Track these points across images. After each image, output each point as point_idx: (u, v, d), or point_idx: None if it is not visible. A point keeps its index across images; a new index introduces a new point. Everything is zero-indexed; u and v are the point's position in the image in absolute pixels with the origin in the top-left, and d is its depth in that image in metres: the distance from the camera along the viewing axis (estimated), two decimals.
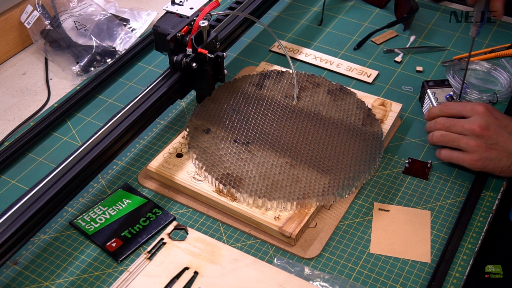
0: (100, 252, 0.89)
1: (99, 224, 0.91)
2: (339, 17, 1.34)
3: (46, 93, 1.19)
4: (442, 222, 0.91)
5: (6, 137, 1.09)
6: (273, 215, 0.88)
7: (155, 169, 0.96)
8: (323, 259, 0.87)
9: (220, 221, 0.92)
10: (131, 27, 1.33)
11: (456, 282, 0.83)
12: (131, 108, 0.93)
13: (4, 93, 1.19)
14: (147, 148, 1.04)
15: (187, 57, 0.95)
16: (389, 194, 0.96)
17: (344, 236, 0.90)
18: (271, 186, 0.90)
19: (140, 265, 0.85)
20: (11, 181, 1.00)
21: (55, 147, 1.05)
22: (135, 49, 1.23)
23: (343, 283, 0.84)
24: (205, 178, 0.94)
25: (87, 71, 1.21)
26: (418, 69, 1.20)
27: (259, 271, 0.84)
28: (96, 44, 1.24)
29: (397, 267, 0.86)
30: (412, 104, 1.12)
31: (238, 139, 0.98)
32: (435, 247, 0.88)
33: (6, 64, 1.26)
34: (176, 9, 1.00)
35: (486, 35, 1.27)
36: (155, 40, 0.99)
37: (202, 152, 0.96)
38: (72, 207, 0.94)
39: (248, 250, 0.88)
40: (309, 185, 0.91)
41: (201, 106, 1.04)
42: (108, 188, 0.98)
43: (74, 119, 1.11)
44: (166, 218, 0.92)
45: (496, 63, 1.18)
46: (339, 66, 1.20)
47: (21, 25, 1.26)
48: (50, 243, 0.90)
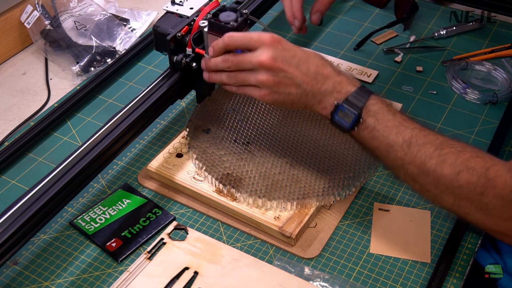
0: (100, 252, 0.89)
1: (99, 224, 0.91)
2: (339, 17, 1.34)
3: (46, 93, 1.19)
4: (442, 222, 0.91)
5: (6, 137, 1.09)
6: (273, 215, 0.88)
7: (155, 169, 0.96)
8: (323, 259, 0.87)
9: (220, 221, 0.92)
10: (131, 27, 1.33)
11: (456, 282, 0.83)
12: (131, 108, 0.93)
13: (4, 93, 1.19)
14: (147, 148, 1.04)
15: (187, 57, 0.95)
16: (389, 194, 0.96)
17: (344, 236, 0.90)
18: (271, 186, 0.90)
19: (140, 265, 0.85)
20: (11, 181, 1.00)
21: (55, 147, 1.05)
22: (135, 49, 1.23)
23: (343, 283, 0.83)
24: (205, 178, 0.94)
25: (87, 71, 1.21)
26: (418, 69, 1.20)
27: (259, 271, 0.84)
28: (96, 44, 1.24)
29: (397, 267, 0.86)
30: (412, 104, 1.12)
31: (238, 139, 0.98)
32: (435, 247, 0.88)
33: (6, 64, 1.26)
34: (176, 9, 0.99)
35: (486, 35, 1.27)
36: (155, 40, 0.99)
37: (202, 152, 0.96)
38: (72, 207, 0.94)
39: (248, 250, 0.88)
40: (309, 185, 0.91)
41: (201, 106, 1.04)
42: (108, 188, 0.98)
43: (74, 119, 1.11)
44: (166, 218, 0.92)
45: (496, 63, 1.18)
46: (339, 66, 1.20)
47: (21, 25, 1.26)
48: (50, 243, 0.90)
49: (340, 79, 0.84)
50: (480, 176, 0.73)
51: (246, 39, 0.86)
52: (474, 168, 0.74)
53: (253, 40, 0.85)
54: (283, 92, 0.85)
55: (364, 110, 0.81)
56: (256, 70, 0.85)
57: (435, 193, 0.78)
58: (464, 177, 0.74)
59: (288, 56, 0.84)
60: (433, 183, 0.77)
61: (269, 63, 0.84)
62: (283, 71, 0.84)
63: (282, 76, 0.84)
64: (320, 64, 0.85)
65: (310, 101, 0.85)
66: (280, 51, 0.84)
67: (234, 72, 0.87)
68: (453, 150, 0.76)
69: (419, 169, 0.77)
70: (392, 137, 0.80)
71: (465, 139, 1.05)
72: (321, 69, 0.84)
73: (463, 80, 1.14)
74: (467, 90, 1.13)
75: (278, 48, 0.84)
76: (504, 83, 1.15)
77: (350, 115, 0.81)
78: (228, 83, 0.89)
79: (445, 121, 1.08)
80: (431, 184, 0.77)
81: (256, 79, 0.85)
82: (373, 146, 0.82)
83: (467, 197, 0.74)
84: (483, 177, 0.73)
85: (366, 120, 0.81)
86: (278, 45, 0.85)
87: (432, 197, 0.79)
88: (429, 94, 1.14)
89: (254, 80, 0.86)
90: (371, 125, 0.81)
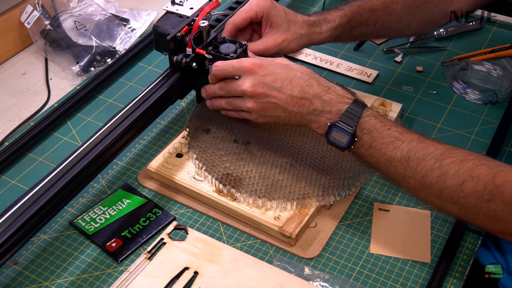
0: (100, 252, 0.89)
1: (99, 224, 0.91)
2: None
3: (46, 93, 1.19)
4: (442, 222, 0.91)
5: (6, 137, 1.09)
6: (273, 215, 0.88)
7: (155, 169, 0.96)
8: (323, 259, 0.87)
9: (220, 221, 0.92)
10: (131, 27, 1.33)
11: (456, 282, 0.83)
12: (131, 108, 0.93)
13: (4, 93, 1.19)
14: (147, 148, 1.04)
15: (187, 57, 0.95)
16: (389, 194, 0.96)
17: (344, 236, 0.90)
18: (271, 186, 0.90)
19: (140, 265, 0.85)
20: (11, 181, 1.00)
21: (55, 147, 1.05)
22: (135, 49, 1.23)
23: (343, 283, 0.83)
24: (205, 178, 0.94)
25: (87, 71, 1.21)
26: (418, 69, 1.20)
27: (259, 271, 0.84)
28: (96, 44, 1.24)
29: (397, 267, 0.86)
30: (412, 104, 1.12)
31: (238, 139, 0.98)
32: (435, 247, 0.88)
33: (6, 64, 1.26)
34: (176, 9, 0.99)
35: (486, 35, 1.27)
36: (155, 40, 0.99)
37: (202, 152, 0.96)
38: (72, 207, 0.94)
39: (248, 250, 0.88)
40: (309, 185, 0.91)
41: (201, 106, 1.04)
42: (108, 188, 0.98)
43: (74, 119, 1.11)
44: (166, 218, 0.92)
45: (496, 63, 1.18)
46: (339, 66, 1.20)
47: (21, 25, 1.26)
48: (50, 243, 0.90)
49: (328, 97, 0.84)
50: (487, 184, 0.73)
51: (228, 68, 0.89)
52: (479, 176, 0.74)
53: (235, 68, 0.88)
54: (271, 115, 0.88)
55: (358, 129, 0.82)
56: (243, 97, 0.88)
57: (439, 204, 0.78)
58: (469, 187, 0.74)
59: (269, 81, 0.86)
60: (436, 194, 0.77)
61: (250, 91, 0.86)
62: (266, 96, 0.86)
63: (266, 101, 0.86)
64: (305, 85, 0.85)
65: (301, 121, 0.87)
66: (260, 77, 0.86)
67: (230, 98, 0.91)
68: (455, 160, 0.76)
69: (421, 183, 0.78)
70: (389, 153, 0.80)
71: (465, 139, 1.05)
72: (307, 89, 0.85)
73: (463, 80, 1.14)
74: (467, 90, 1.13)
75: (259, 74, 0.86)
76: (504, 83, 1.15)
77: (344, 135, 0.82)
78: (227, 108, 0.93)
79: (445, 121, 1.08)
80: (435, 196, 0.78)
81: (245, 105, 0.89)
82: (372, 162, 0.83)
83: (474, 205, 0.74)
84: (490, 184, 0.73)
85: (361, 138, 0.82)
86: (258, 70, 0.86)
87: (437, 207, 0.80)
88: (429, 94, 1.14)
89: (244, 106, 0.89)
90: (367, 143, 0.82)
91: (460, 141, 1.04)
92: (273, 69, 0.86)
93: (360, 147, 0.82)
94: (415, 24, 1.02)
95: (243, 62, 0.87)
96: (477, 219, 0.76)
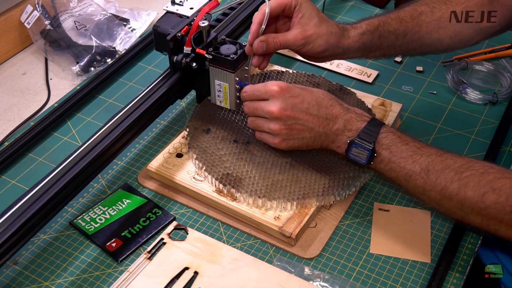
0: (100, 252, 0.89)
1: (99, 224, 0.91)
2: (339, 17, 1.34)
3: (46, 93, 1.19)
4: (442, 222, 0.91)
5: (6, 137, 1.09)
6: (273, 215, 0.88)
7: (155, 169, 0.96)
8: (323, 259, 0.87)
9: (220, 221, 0.92)
10: (131, 27, 1.33)
11: (456, 282, 0.83)
12: (131, 108, 0.93)
13: (4, 93, 1.19)
14: (147, 148, 1.04)
15: (187, 57, 0.95)
16: (389, 194, 0.96)
17: (344, 236, 0.90)
18: (271, 186, 0.90)
19: (140, 265, 0.85)
20: (11, 181, 1.00)
21: (55, 147, 1.05)
22: (135, 49, 1.23)
23: (343, 283, 0.83)
24: (205, 178, 0.94)
25: (87, 71, 1.21)
26: (418, 69, 1.20)
27: (259, 271, 0.84)
28: (96, 44, 1.24)
29: (397, 267, 0.86)
30: (412, 104, 1.12)
31: (238, 139, 0.98)
32: (435, 247, 0.88)
33: (6, 64, 1.26)
34: (176, 9, 1.00)
35: None
36: (155, 40, 0.99)
37: (202, 152, 0.96)
38: (72, 207, 0.94)
39: (248, 250, 0.88)
40: (309, 185, 0.91)
41: (201, 106, 1.04)
42: (108, 188, 0.98)
43: (74, 119, 1.11)
44: (166, 218, 0.92)
45: (496, 63, 1.18)
46: (339, 66, 1.20)
47: (21, 25, 1.26)
48: (50, 243, 0.90)
49: (349, 116, 0.87)
50: (509, 195, 0.75)
51: (256, 93, 0.90)
52: (500, 188, 0.75)
53: (262, 92, 0.89)
54: (296, 137, 0.89)
55: (377, 145, 0.84)
56: (269, 119, 0.89)
57: (461, 215, 0.80)
58: (490, 198, 0.76)
59: (297, 103, 0.87)
60: (457, 206, 0.79)
61: (278, 113, 0.87)
62: (294, 118, 0.87)
63: (293, 123, 0.88)
64: (329, 105, 0.88)
65: (324, 142, 0.89)
66: (288, 99, 0.88)
67: (254, 117, 0.92)
68: (475, 172, 0.78)
69: (441, 195, 0.79)
70: (409, 166, 0.82)
71: (465, 139, 1.05)
72: (331, 110, 0.88)
73: (463, 80, 1.14)
74: (467, 90, 1.13)
75: (286, 96, 0.88)
76: (504, 83, 1.15)
77: (364, 151, 0.85)
78: (250, 126, 0.94)
79: (445, 121, 1.08)
80: (456, 207, 0.79)
81: (269, 127, 0.90)
82: (392, 177, 0.85)
83: (495, 217, 0.76)
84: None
85: (380, 153, 0.84)
86: (286, 93, 0.88)
87: (459, 218, 0.81)
88: (429, 94, 1.14)
89: (267, 128, 0.90)
90: (386, 158, 0.84)
91: (460, 141, 1.04)
92: (298, 92, 0.88)
93: (380, 163, 0.85)
94: (447, 39, 1.00)
95: (269, 85, 0.89)
96: (500, 230, 0.77)
